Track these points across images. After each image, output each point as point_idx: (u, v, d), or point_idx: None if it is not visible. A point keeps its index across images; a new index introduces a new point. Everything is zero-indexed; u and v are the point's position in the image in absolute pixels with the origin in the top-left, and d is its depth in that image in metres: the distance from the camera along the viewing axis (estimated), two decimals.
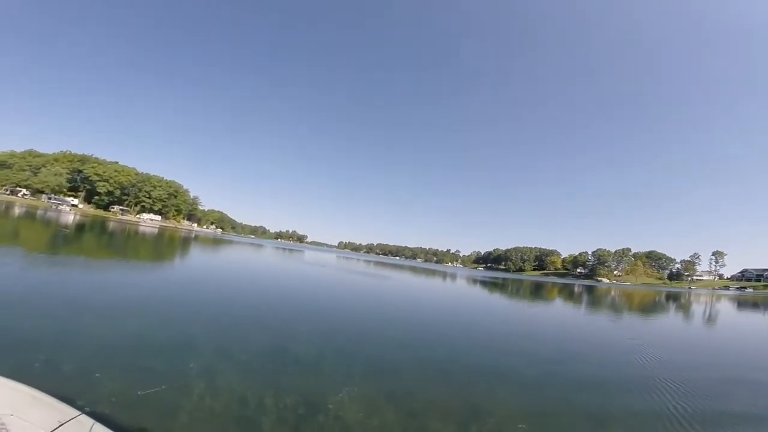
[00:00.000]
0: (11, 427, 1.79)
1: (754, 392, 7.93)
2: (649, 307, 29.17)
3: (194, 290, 12.20)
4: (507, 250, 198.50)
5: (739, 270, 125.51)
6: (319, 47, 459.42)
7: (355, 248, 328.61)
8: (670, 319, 20.53)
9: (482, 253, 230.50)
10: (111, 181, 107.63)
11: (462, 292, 27.04)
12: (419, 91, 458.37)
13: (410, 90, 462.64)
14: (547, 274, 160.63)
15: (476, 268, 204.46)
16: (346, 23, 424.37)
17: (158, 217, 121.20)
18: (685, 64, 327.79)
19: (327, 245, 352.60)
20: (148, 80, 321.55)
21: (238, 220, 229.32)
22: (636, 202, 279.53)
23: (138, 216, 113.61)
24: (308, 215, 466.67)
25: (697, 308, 29.60)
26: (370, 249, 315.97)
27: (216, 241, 60.25)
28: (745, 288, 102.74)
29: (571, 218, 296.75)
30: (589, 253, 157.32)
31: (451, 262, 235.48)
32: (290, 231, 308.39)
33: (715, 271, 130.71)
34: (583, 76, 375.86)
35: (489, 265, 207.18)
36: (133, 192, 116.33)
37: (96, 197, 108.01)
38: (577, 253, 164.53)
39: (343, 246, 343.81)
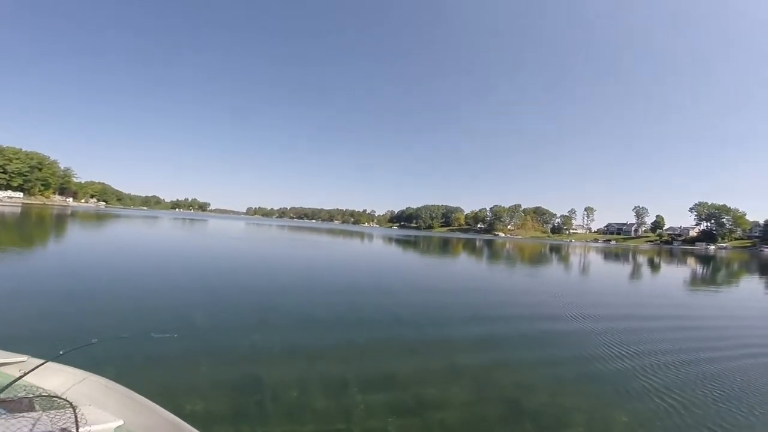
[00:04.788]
0: (89, 417, 1.92)
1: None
2: (543, 259, 34.28)
3: (82, 285, 9.40)
4: (418, 209, 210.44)
5: (605, 224, 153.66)
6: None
7: (267, 213, 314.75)
8: (565, 271, 24.75)
9: (396, 212, 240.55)
10: None
11: (385, 255, 26.05)
12: (330, 53, 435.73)
13: (324, 51, 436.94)
14: (452, 230, 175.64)
15: (391, 227, 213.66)
16: None
17: (19, 194, 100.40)
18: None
19: (234, 212, 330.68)
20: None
21: (126, 191, 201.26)
22: (525, 161, 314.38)
23: None
24: (210, 181, 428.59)
25: (585, 260, 35.77)
26: (283, 213, 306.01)
27: (98, 217, 52.65)
28: (609, 241, 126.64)
29: (472, 176, 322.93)
30: (488, 209, 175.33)
31: (368, 222, 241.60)
32: (189, 199, 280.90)
33: (587, 225, 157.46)
34: (484, 41, 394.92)
35: (402, 223, 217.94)
36: None
37: None
38: (477, 210, 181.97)
39: (252, 212, 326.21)
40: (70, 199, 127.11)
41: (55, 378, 2.37)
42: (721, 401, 4.85)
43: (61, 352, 2.52)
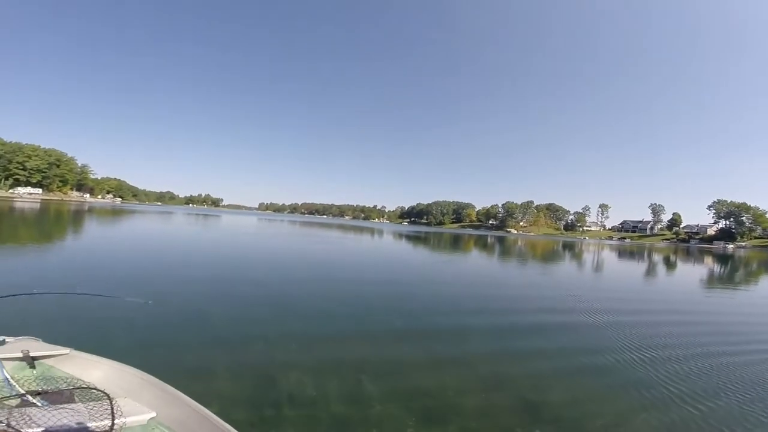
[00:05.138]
0: (125, 409, 2.01)
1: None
2: (556, 257, 33.86)
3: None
4: (428, 204, 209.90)
5: (620, 221, 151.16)
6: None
7: (278, 209, 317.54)
8: (579, 268, 24.23)
9: (406, 208, 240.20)
10: None
11: (396, 251, 24.05)
12: (344, 50, 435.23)
13: (334, 48, 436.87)
14: (464, 227, 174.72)
15: (401, 222, 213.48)
16: None
17: (38, 191, 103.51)
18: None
19: (246, 207, 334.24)
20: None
21: (141, 187, 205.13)
22: (538, 158, 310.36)
23: (12, 191, 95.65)
24: (223, 176, 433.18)
25: (599, 258, 35.21)
26: (294, 209, 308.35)
27: (115, 212, 53.48)
28: (624, 238, 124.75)
29: (483, 172, 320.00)
30: (500, 205, 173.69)
31: (378, 218, 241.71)
32: (203, 195, 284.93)
33: (602, 222, 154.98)
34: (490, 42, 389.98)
35: (413, 219, 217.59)
36: (1, 164, 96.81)
37: None
38: (489, 206, 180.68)
39: (264, 207, 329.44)
40: (87, 195, 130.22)
41: (94, 370, 2.50)
42: (743, 403, 4.71)
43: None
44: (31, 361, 2.43)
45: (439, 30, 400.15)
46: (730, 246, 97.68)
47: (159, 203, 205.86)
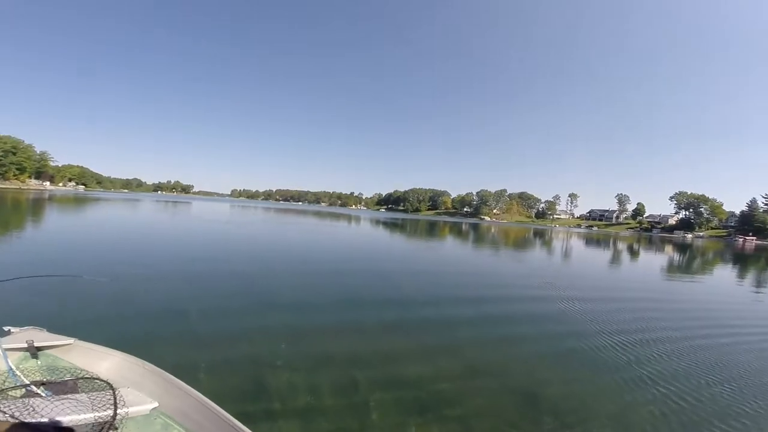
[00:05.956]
0: (128, 399, 2.07)
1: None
2: (528, 244, 35.27)
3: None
4: (405, 192, 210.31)
5: (588, 210, 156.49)
6: None
7: (252, 195, 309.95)
8: (549, 256, 25.34)
9: (383, 195, 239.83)
10: None
11: (373, 238, 25.46)
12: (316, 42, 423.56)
13: (312, 35, 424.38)
14: (439, 214, 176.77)
15: (378, 209, 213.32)
16: None
17: None
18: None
19: (218, 194, 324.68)
20: None
21: (107, 174, 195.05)
22: (512, 148, 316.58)
23: None
24: (193, 163, 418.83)
25: (568, 246, 36.86)
26: (268, 195, 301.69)
27: (78, 200, 50.96)
28: (591, 227, 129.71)
29: (460, 161, 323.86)
30: (474, 193, 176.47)
31: (355, 205, 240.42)
32: (172, 182, 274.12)
33: (571, 210, 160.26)
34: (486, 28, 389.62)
35: (390, 206, 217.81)
36: None
37: None
38: (464, 194, 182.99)
39: (237, 194, 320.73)
40: (47, 183, 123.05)
41: (98, 360, 2.50)
42: (732, 400, 4.75)
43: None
44: (35, 351, 2.44)
45: (430, 22, 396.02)
46: (689, 236, 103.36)
47: (125, 190, 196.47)
